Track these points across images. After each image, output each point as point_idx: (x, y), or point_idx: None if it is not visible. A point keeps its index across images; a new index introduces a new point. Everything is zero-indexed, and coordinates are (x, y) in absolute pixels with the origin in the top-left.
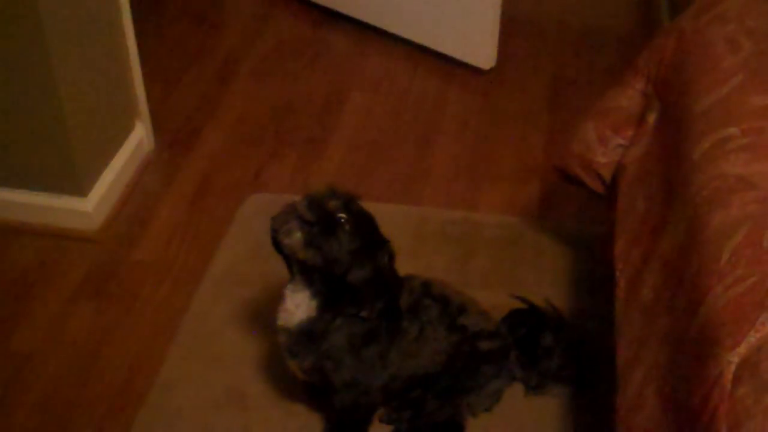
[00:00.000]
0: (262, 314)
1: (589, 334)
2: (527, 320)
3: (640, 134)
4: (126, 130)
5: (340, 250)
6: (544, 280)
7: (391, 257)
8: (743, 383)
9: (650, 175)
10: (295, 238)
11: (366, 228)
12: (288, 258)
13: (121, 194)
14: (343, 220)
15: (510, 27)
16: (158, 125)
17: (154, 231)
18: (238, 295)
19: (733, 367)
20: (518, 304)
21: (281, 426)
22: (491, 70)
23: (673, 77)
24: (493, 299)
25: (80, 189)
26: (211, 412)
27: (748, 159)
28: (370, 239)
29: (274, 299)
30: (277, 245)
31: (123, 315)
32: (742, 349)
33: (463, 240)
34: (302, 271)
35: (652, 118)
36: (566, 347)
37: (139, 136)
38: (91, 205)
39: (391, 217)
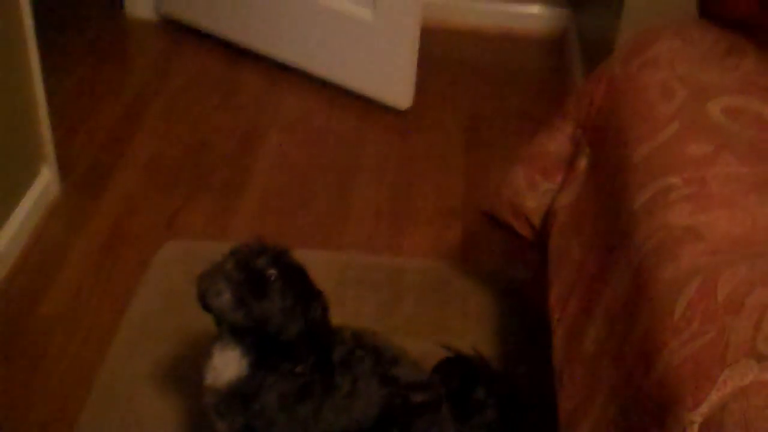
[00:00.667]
0: (179, 371)
1: (520, 383)
2: (458, 371)
3: (570, 179)
4: (31, 176)
5: (272, 309)
6: (470, 326)
7: (325, 309)
8: None
9: (584, 221)
10: (224, 299)
11: (297, 282)
12: (217, 318)
13: (26, 244)
14: (273, 278)
15: (426, 66)
16: (65, 168)
17: (62, 282)
18: (154, 350)
19: (696, 428)
20: (446, 353)
21: None
22: (408, 109)
23: (604, 123)
24: (420, 347)
25: None
26: None
27: (692, 209)
28: (303, 293)
29: (192, 355)
30: (205, 305)
31: (30, 375)
32: (704, 408)
33: (387, 286)
34: (232, 330)
35: (582, 163)
36: (499, 400)
37: (45, 181)
38: None
39: (313, 264)
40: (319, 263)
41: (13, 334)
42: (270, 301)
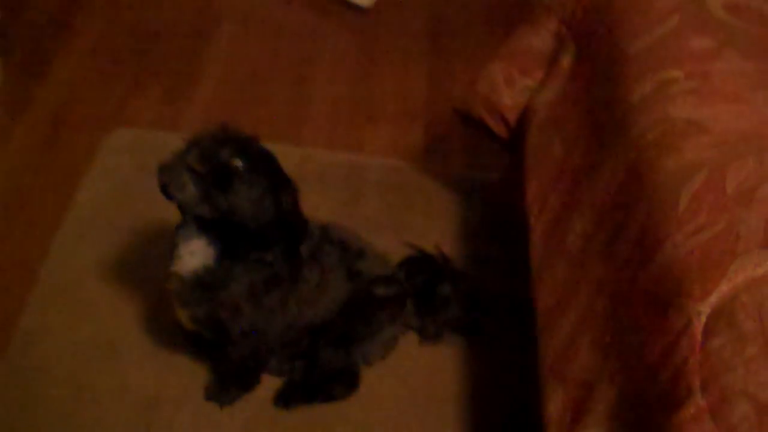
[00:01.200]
0: (131, 260)
1: (484, 282)
2: (423, 268)
3: (552, 76)
4: None
5: (239, 201)
6: (434, 225)
7: (295, 197)
8: (718, 334)
9: (567, 117)
10: (189, 192)
11: (266, 171)
12: (181, 209)
13: None
14: (240, 168)
15: None
16: (4, 50)
17: (3, 168)
18: (104, 239)
19: (703, 318)
20: (410, 251)
21: (160, 380)
22: (370, 8)
23: (594, 17)
24: (383, 245)
25: None
26: (81, 367)
27: (695, 103)
28: (272, 182)
29: (145, 243)
30: (169, 197)
31: None
32: (713, 298)
33: (348, 183)
34: (198, 221)
35: (566, 60)
36: (463, 297)
37: None
38: None
39: None
40: (277, 157)
41: None
42: (236, 193)
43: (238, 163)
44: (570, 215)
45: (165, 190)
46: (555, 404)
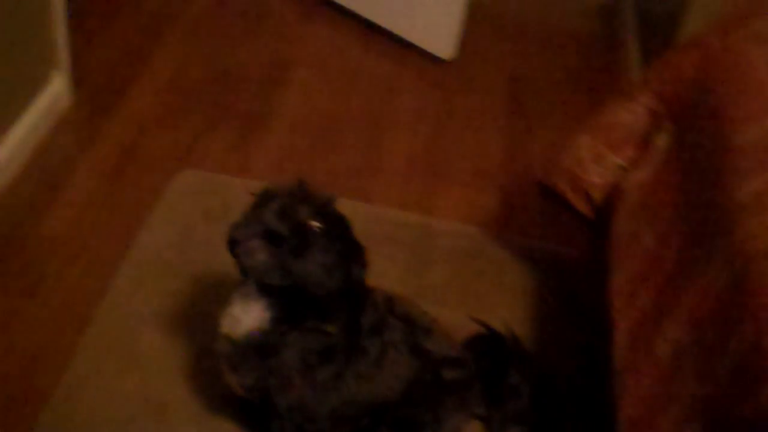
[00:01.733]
0: (188, 312)
1: (556, 371)
2: (491, 349)
3: (645, 157)
4: (41, 81)
5: (312, 267)
6: (505, 300)
7: (364, 267)
8: None
9: (661, 206)
10: (260, 260)
11: (341, 237)
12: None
13: (31, 154)
14: (316, 231)
15: (473, 17)
16: (78, 79)
17: (66, 201)
18: (162, 286)
19: None
20: (478, 328)
21: None
22: (450, 61)
23: (695, 98)
24: (450, 318)
25: None
26: (123, 424)
27: None
28: (346, 249)
29: (203, 296)
30: (236, 259)
31: (26, 298)
32: None
33: (417, 247)
34: (262, 285)
35: (662, 140)
36: (533, 388)
37: (56, 90)
38: None
39: None
40: (345, 213)
41: (10, 252)
42: (311, 259)
43: (317, 225)
44: (661, 318)
45: (233, 250)
46: None
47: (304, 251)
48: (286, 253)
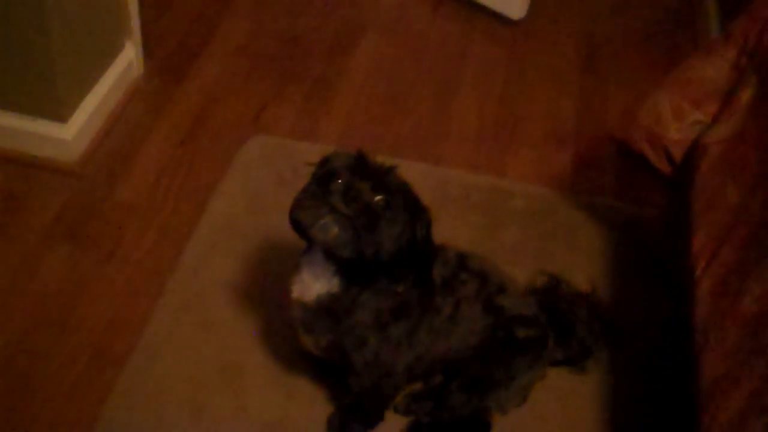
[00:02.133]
0: (261, 276)
1: (631, 330)
2: (564, 306)
3: (728, 111)
4: (114, 50)
5: (381, 239)
6: (578, 260)
7: (429, 226)
8: None
9: (746, 159)
10: (332, 234)
11: (405, 204)
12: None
13: (105, 123)
14: (381, 205)
15: None
16: (149, 48)
17: (140, 168)
18: (235, 250)
19: None
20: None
21: (282, 406)
22: (520, 21)
23: None
24: (522, 277)
25: (60, 113)
26: (201, 387)
27: None
28: (409, 213)
29: (276, 259)
30: (303, 232)
31: (102, 263)
32: None
33: (489, 209)
34: (330, 254)
35: (746, 94)
36: (603, 324)
37: (128, 58)
38: (70, 133)
39: (408, 176)
40: (415, 176)
41: (87, 218)
42: (379, 232)
43: (380, 198)
44: (746, 274)
45: (299, 227)
46: None
47: (373, 227)
48: (359, 230)
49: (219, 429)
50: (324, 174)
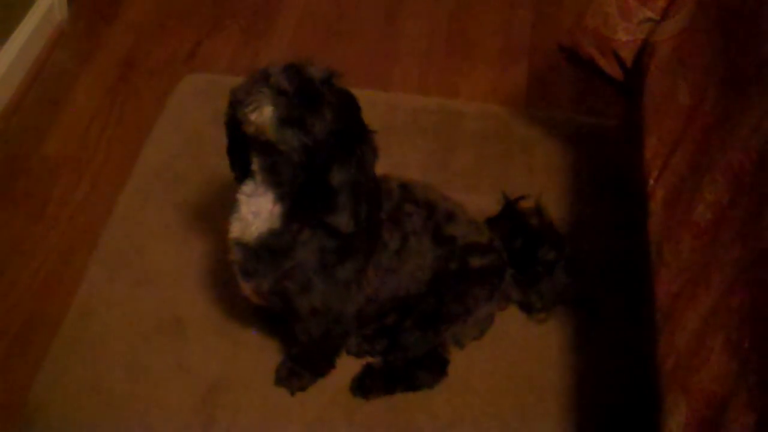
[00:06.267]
0: (201, 221)
1: (592, 249)
2: (519, 228)
3: (676, 6)
4: None
5: (323, 131)
6: (536, 181)
7: (375, 154)
8: None
9: (695, 56)
10: (267, 113)
11: (348, 112)
12: (249, 144)
13: (27, 73)
14: (328, 91)
15: None
16: None
17: (68, 118)
18: (172, 197)
19: None
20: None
21: (226, 360)
22: None
23: None
24: (478, 203)
25: None
26: (140, 343)
27: None
28: (353, 127)
29: (216, 202)
30: (235, 125)
31: (33, 221)
32: None
33: (440, 132)
34: (265, 166)
35: None
36: (569, 263)
37: (48, 2)
38: None
39: None
40: (362, 105)
41: (15, 175)
42: (323, 119)
43: (327, 86)
44: (699, 180)
45: (233, 115)
46: (677, 421)
47: (316, 109)
48: (295, 107)
49: (160, 388)
50: (261, 72)
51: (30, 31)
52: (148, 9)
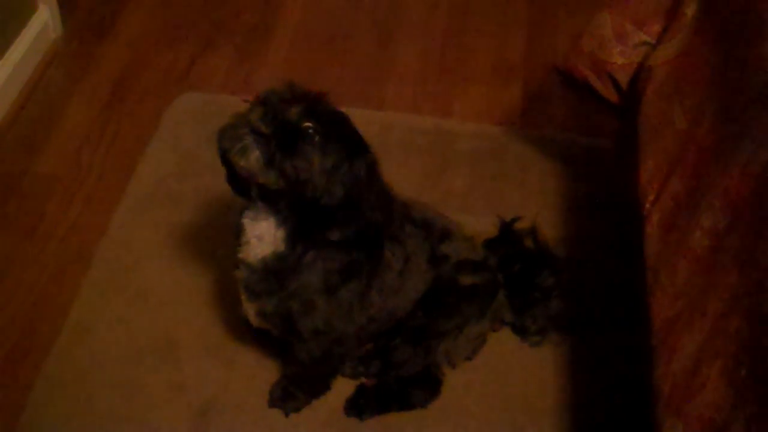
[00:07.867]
0: (195, 240)
1: (587, 271)
2: (517, 253)
3: (672, 30)
4: (25, 12)
5: (310, 169)
6: (532, 201)
7: (372, 168)
8: None
9: (692, 81)
10: (253, 158)
11: (341, 135)
12: (245, 181)
13: (21, 91)
14: (310, 130)
15: None
16: (66, 7)
17: (62, 137)
18: (166, 216)
19: None
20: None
21: (220, 381)
22: None
23: None
24: (473, 224)
25: None
26: (133, 363)
27: None
28: (347, 148)
29: (210, 222)
30: (229, 165)
31: (25, 240)
32: None
33: (434, 152)
34: (264, 196)
35: (691, 9)
36: (566, 289)
37: (43, 20)
38: None
39: None
40: (357, 123)
41: (8, 193)
42: (306, 159)
43: (310, 124)
44: (696, 206)
45: (225, 157)
46: None
47: (292, 150)
48: (278, 152)
49: (154, 409)
50: (252, 104)
51: (24, 49)
52: (142, 28)
